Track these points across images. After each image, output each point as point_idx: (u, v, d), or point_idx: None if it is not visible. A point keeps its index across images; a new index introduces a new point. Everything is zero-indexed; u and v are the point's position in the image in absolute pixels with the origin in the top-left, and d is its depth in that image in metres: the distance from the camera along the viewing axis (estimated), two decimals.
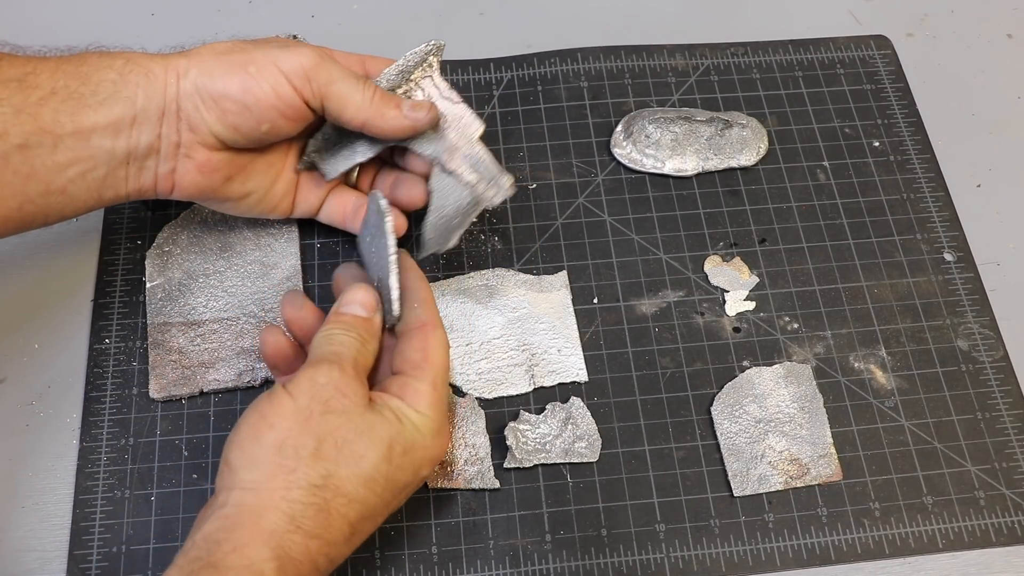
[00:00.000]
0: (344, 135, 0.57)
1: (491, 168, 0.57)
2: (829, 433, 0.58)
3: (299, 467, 0.45)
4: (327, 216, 0.61)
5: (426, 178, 0.58)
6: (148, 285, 0.60)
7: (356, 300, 0.52)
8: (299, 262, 0.62)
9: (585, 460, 0.57)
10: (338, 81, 0.52)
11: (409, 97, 0.57)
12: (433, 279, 0.62)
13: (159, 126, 0.51)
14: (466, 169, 0.57)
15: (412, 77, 0.57)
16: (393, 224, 0.52)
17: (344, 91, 0.52)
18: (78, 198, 0.51)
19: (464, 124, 0.57)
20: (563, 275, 0.63)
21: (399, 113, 0.54)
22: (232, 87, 0.51)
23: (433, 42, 0.57)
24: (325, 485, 0.45)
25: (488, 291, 0.61)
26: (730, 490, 0.56)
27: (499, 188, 0.57)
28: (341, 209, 0.60)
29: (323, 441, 0.46)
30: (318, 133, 0.57)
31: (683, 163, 0.67)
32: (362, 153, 0.57)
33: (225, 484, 0.46)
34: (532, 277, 0.62)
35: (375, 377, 0.53)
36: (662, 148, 0.67)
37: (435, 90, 0.57)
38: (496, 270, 0.63)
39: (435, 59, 0.57)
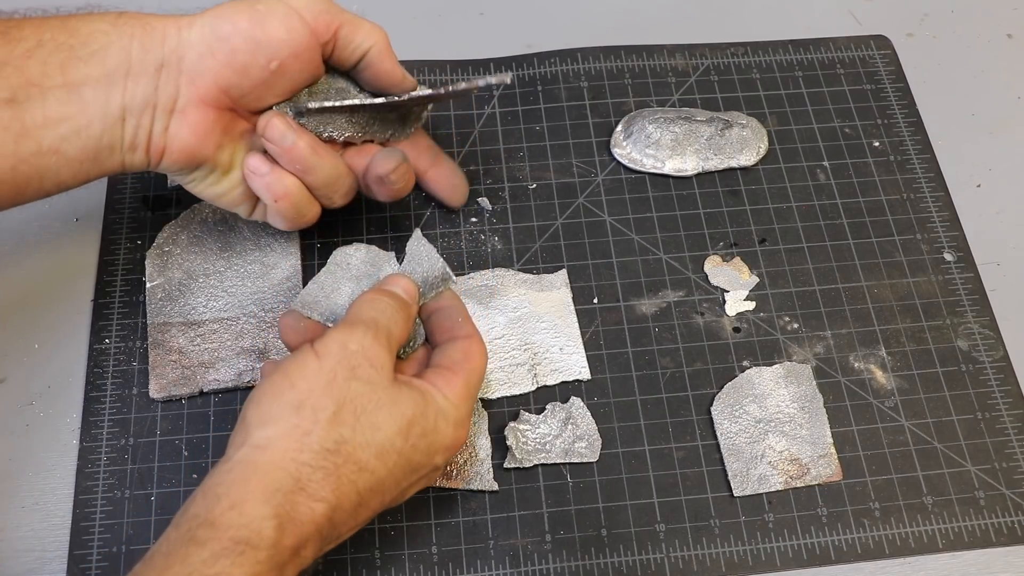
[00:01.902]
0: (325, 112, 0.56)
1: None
2: (829, 433, 0.58)
3: (315, 430, 0.45)
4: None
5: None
6: (148, 285, 0.60)
7: (399, 284, 0.53)
8: (299, 262, 0.62)
9: (585, 460, 0.57)
10: (350, 18, 0.54)
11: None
12: None
13: (156, 79, 0.50)
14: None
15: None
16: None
17: (355, 22, 0.54)
18: (73, 159, 0.49)
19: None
20: (563, 274, 0.63)
21: (398, 66, 0.56)
22: (242, 23, 0.50)
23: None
24: (338, 450, 0.45)
25: (488, 291, 0.61)
26: (730, 490, 0.56)
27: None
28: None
29: (343, 406, 0.46)
30: (303, 93, 0.56)
31: (683, 163, 0.67)
32: (338, 133, 0.57)
33: (237, 441, 0.45)
34: (532, 276, 0.62)
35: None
36: (662, 148, 0.67)
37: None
38: (496, 270, 0.63)
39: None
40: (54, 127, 0.48)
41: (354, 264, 0.57)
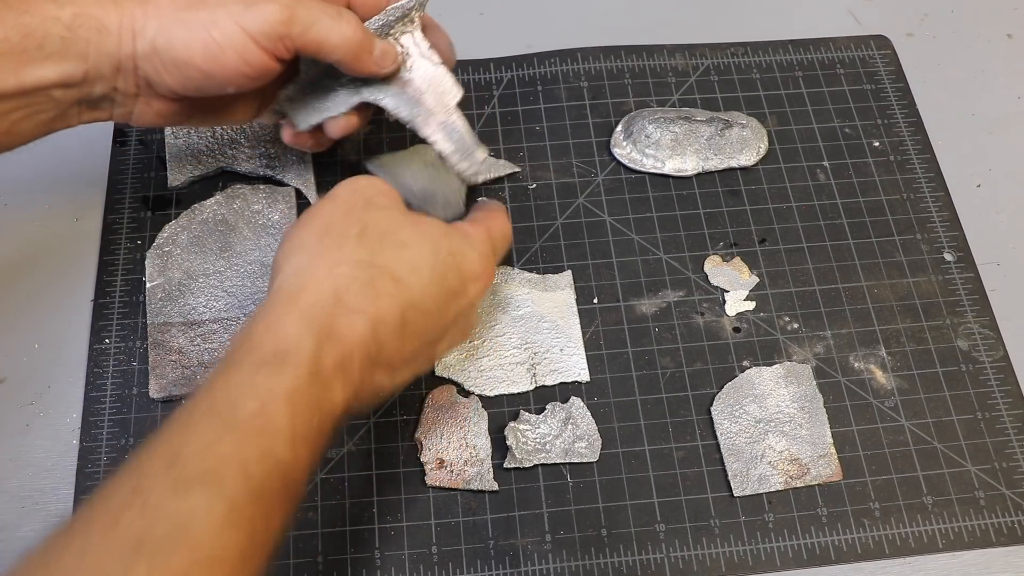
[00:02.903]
0: (318, 89, 0.56)
1: (465, 139, 0.56)
2: (829, 433, 0.58)
3: (345, 245, 0.45)
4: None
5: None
6: (148, 285, 0.60)
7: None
8: None
9: (585, 460, 0.57)
10: (313, 25, 0.50)
11: None
12: None
13: (114, 80, 0.50)
14: (441, 137, 0.55)
15: (392, 32, 0.54)
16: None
17: (321, 34, 0.50)
18: (25, 134, 0.50)
19: (443, 90, 0.56)
20: (568, 275, 0.63)
21: (371, 59, 0.53)
22: (195, 55, 0.48)
23: None
24: (372, 262, 0.45)
25: (491, 288, 0.61)
26: (730, 490, 0.56)
27: (472, 161, 0.56)
28: None
29: (366, 228, 0.46)
30: (290, 84, 0.56)
31: (683, 163, 0.67)
32: (333, 109, 0.56)
33: (271, 284, 0.46)
34: (537, 276, 0.62)
35: None
36: (662, 148, 0.67)
37: (415, 48, 0.55)
38: (500, 268, 0.63)
39: (417, 14, 0.55)
40: (6, 116, 0.48)
41: (431, 154, 0.56)
